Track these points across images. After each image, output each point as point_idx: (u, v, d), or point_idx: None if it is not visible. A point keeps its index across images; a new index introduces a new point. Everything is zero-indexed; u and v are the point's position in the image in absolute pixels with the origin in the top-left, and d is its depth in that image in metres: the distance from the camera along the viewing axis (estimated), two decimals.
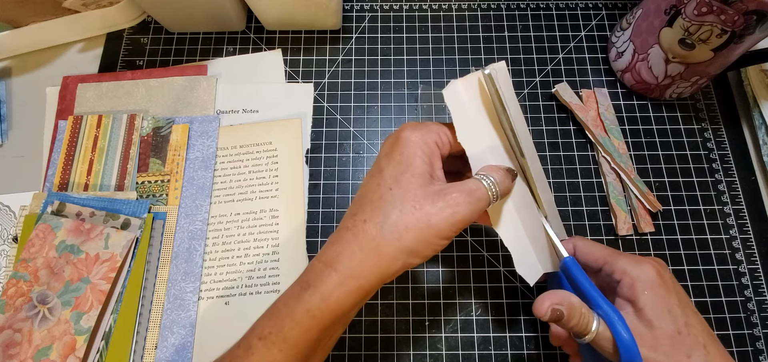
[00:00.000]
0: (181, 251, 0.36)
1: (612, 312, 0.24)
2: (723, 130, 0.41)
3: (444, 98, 0.26)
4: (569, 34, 0.44)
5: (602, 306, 0.25)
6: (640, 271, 0.25)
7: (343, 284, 0.22)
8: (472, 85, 0.27)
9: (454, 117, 0.26)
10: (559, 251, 0.28)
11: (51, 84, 0.42)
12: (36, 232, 0.34)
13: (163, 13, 0.42)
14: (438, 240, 0.23)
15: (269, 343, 0.23)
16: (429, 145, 0.24)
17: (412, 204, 0.22)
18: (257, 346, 0.23)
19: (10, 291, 0.33)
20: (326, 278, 0.22)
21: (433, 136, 0.24)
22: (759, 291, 0.36)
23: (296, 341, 0.22)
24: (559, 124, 0.41)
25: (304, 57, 0.43)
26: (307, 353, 0.23)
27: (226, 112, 0.41)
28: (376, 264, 0.22)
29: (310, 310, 0.22)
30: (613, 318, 0.24)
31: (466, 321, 0.35)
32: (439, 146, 0.25)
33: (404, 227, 0.22)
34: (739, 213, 0.38)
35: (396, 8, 0.45)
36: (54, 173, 0.38)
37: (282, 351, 0.22)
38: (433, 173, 0.24)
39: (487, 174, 0.25)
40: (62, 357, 0.31)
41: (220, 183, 0.38)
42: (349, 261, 0.22)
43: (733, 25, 0.31)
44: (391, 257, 0.22)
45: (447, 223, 0.22)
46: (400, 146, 0.24)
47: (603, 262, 0.27)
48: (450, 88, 0.26)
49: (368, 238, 0.22)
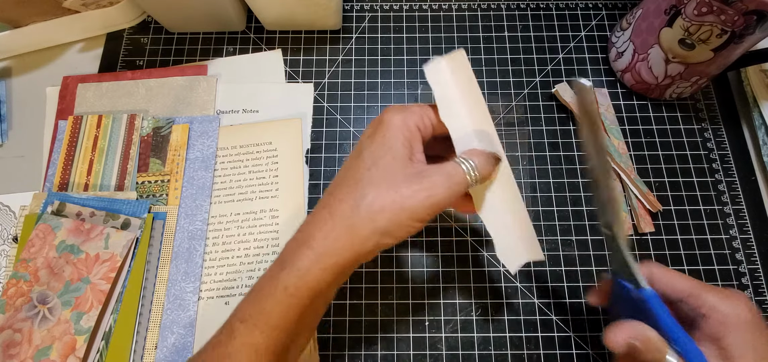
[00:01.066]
0: (181, 251, 0.36)
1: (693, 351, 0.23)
2: (723, 130, 0.41)
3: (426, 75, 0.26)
4: (569, 34, 0.44)
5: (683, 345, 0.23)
6: (731, 309, 0.24)
7: (319, 261, 0.22)
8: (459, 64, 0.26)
9: (437, 95, 0.25)
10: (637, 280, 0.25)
11: (51, 84, 0.42)
12: (36, 232, 0.34)
13: (163, 13, 0.42)
14: (412, 222, 0.23)
15: (250, 325, 0.23)
16: (410, 127, 0.24)
17: (389, 186, 0.23)
18: (239, 329, 0.23)
19: (10, 291, 0.33)
20: (302, 256, 0.23)
21: (414, 119, 0.24)
22: (759, 291, 0.36)
23: (277, 321, 0.23)
24: (559, 124, 0.41)
25: (304, 57, 0.43)
26: (288, 333, 0.23)
27: (226, 112, 0.41)
28: (350, 242, 0.22)
29: (288, 288, 0.22)
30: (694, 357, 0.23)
31: (466, 321, 0.35)
32: (420, 129, 0.25)
33: (379, 208, 0.22)
34: (739, 213, 0.38)
35: (396, 8, 0.45)
36: (54, 173, 0.38)
37: (263, 333, 0.22)
38: (412, 155, 0.24)
39: (467, 157, 0.25)
40: (62, 357, 0.31)
41: (220, 183, 0.38)
42: (324, 239, 0.23)
43: (733, 25, 0.31)
44: (365, 237, 0.22)
45: (422, 206, 0.23)
46: (381, 128, 0.24)
47: (687, 295, 0.25)
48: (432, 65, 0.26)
49: (343, 217, 0.23)
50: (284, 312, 0.23)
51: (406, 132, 0.24)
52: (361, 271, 0.36)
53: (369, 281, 0.36)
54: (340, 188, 0.24)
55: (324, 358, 0.34)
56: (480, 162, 0.25)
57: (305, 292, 0.23)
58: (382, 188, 0.23)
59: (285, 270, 0.23)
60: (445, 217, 0.38)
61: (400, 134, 0.24)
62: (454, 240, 0.37)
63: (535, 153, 0.40)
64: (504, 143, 0.40)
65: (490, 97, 0.42)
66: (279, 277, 0.23)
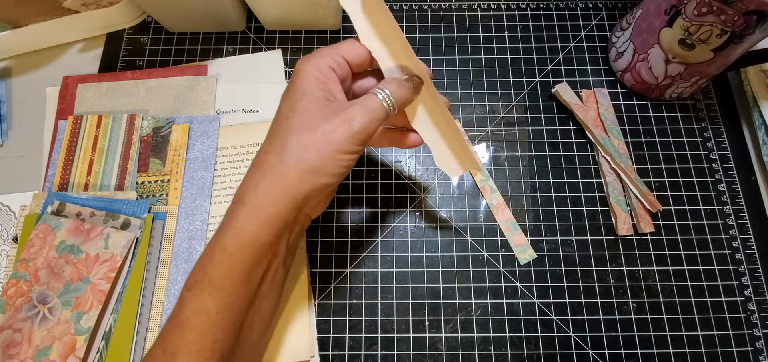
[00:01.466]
0: (181, 251, 0.36)
1: None
2: (723, 130, 0.41)
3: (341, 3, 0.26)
4: (569, 34, 0.44)
5: None
6: None
7: (254, 215, 0.23)
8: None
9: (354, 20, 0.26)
10: None
11: (51, 84, 0.42)
12: (36, 232, 0.34)
13: (163, 13, 0.42)
14: (340, 155, 0.24)
15: (197, 291, 0.23)
16: (322, 69, 0.25)
17: (309, 126, 0.24)
18: (187, 298, 0.23)
19: (10, 291, 0.33)
20: (236, 214, 0.23)
21: (326, 61, 0.25)
22: (759, 291, 0.36)
23: (222, 283, 0.23)
24: (559, 124, 0.41)
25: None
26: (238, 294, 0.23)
27: (226, 112, 0.41)
28: (283, 189, 0.23)
29: (227, 248, 0.23)
30: None
31: (466, 321, 0.35)
32: (334, 69, 0.25)
33: (304, 148, 0.23)
34: (739, 213, 0.38)
35: (396, 8, 0.45)
36: (54, 173, 0.38)
37: (212, 297, 0.23)
38: (329, 96, 0.25)
39: (383, 87, 0.26)
40: (62, 357, 0.31)
41: (220, 183, 0.38)
42: (254, 192, 0.23)
43: (733, 25, 0.31)
44: (297, 179, 0.23)
45: (345, 136, 0.23)
46: (294, 78, 0.25)
47: None
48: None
49: (270, 167, 0.23)
50: (227, 273, 0.23)
51: (318, 74, 0.25)
52: (361, 271, 0.37)
53: (369, 281, 0.36)
54: (266, 143, 0.25)
55: (324, 358, 0.34)
56: (394, 89, 0.26)
57: (245, 249, 0.23)
58: (303, 130, 0.24)
59: (222, 231, 0.24)
60: (445, 217, 0.38)
61: (312, 78, 0.25)
62: (454, 240, 0.37)
63: (535, 153, 0.40)
64: (504, 143, 0.40)
65: (490, 97, 0.42)
66: (217, 239, 0.23)
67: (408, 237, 0.37)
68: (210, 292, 0.23)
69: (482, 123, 0.41)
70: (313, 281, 0.36)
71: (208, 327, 0.23)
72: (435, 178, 0.39)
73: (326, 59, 0.25)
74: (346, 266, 0.37)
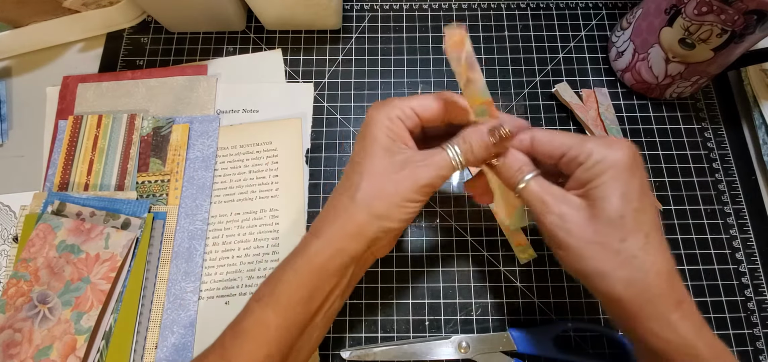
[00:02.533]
0: (181, 251, 0.36)
1: None
2: (723, 130, 0.41)
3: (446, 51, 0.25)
4: (569, 34, 0.44)
5: None
6: (607, 153, 0.23)
7: (325, 247, 0.25)
8: None
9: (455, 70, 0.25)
10: None
11: (51, 84, 0.42)
12: (36, 232, 0.34)
13: (163, 13, 0.42)
14: (406, 204, 0.25)
15: (263, 304, 0.25)
16: (392, 118, 0.26)
17: (379, 173, 0.25)
18: (253, 308, 0.25)
19: (10, 291, 0.33)
20: (310, 243, 0.25)
21: (395, 111, 0.26)
22: (759, 291, 0.36)
23: (287, 301, 0.24)
24: (559, 123, 0.41)
25: (304, 57, 0.43)
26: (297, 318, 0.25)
27: (226, 111, 0.41)
28: (354, 230, 0.25)
29: (298, 270, 0.25)
30: None
31: (466, 321, 0.35)
32: (402, 119, 0.26)
33: (373, 195, 0.25)
34: (739, 213, 0.38)
35: (396, 8, 0.45)
36: (54, 173, 0.38)
37: (275, 312, 0.24)
38: (398, 144, 0.26)
39: (455, 142, 0.26)
40: (62, 356, 0.31)
41: (220, 183, 0.38)
42: (328, 228, 0.25)
43: (733, 25, 0.31)
44: (364, 222, 0.25)
45: (410, 188, 0.24)
46: (367, 125, 0.26)
47: (568, 148, 0.24)
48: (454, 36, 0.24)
49: (343, 208, 0.25)
50: (293, 291, 0.25)
51: (388, 123, 0.26)
52: None
53: (369, 281, 0.36)
54: (340, 185, 0.27)
55: (324, 358, 0.34)
56: (467, 147, 0.25)
57: (313, 274, 0.25)
58: (373, 177, 0.25)
59: (295, 255, 0.26)
60: (445, 217, 0.38)
61: (383, 127, 0.25)
62: (454, 240, 0.37)
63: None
64: None
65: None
66: (290, 261, 0.26)
67: (408, 237, 0.37)
68: (274, 307, 0.24)
69: None
70: None
71: (265, 341, 0.24)
72: None
73: (396, 110, 0.26)
74: None
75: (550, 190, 0.24)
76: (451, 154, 0.25)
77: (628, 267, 0.22)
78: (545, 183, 0.24)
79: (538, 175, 0.25)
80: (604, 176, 0.23)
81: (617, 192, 0.22)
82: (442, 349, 0.34)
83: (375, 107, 0.26)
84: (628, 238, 0.22)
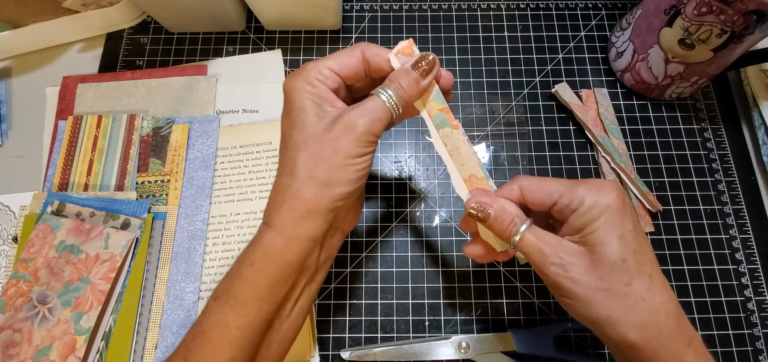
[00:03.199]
0: (181, 251, 0.36)
1: None
2: (723, 130, 0.41)
3: None
4: (569, 34, 0.44)
5: None
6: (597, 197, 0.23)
7: (280, 234, 0.23)
8: None
9: None
10: None
11: (51, 84, 0.42)
12: (36, 232, 0.34)
13: (163, 13, 0.42)
14: (350, 161, 0.23)
15: (222, 302, 0.24)
16: (311, 82, 0.24)
17: (313, 139, 0.23)
18: (212, 308, 0.24)
19: (10, 291, 0.33)
20: (264, 234, 0.24)
21: (313, 74, 0.25)
22: (759, 291, 0.36)
23: (245, 298, 0.23)
24: (559, 124, 0.41)
25: (304, 57, 0.43)
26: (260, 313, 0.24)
27: (226, 112, 0.41)
28: (303, 210, 0.23)
29: (254, 264, 0.23)
30: None
31: (466, 321, 0.35)
32: (322, 80, 0.25)
33: (313, 163, 0.23)
34: (739, 213, 0.38)
35: (396, 8, 0.45)
36: (54, 173, 0.38)
37: (233, 310, 0.23)
38: (325, 105, 0.24)
39: (385, 86, 0.25)
40: (62, 357, 0.31)
41: (220, 183, 0.38)
42: (278, 215, 0.23)
43: (733, 25, 0.31)
44: (312, 197, 0.23)
45: (351, 143, 0.23)
46: (287, 98, 0.25)
47: (559, 195, 0.24)
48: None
49: (285, 188, 0.24)
50: (251, 288, 0.23)
51: (309, 87, 0.24)
52: (361, 271, 0.36)
53: (369, 281, 0.36)
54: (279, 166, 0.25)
55: (324, 358, 0.34)
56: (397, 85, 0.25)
57: (271, 266, 0.23)
58: (308, 146, 0.23)
59: (250, 248, 0.24)
60: (445, 217, 0.38)
61: (304, 92, 0.24)
62: (454, 240, 0.37)
63: (535, 153, 0.40)
64: (504, 143, 0.40)
65: (490, 97, 0.42)
66: (246, 255, 0.24)
67: (408, 237, 0.37)
68: (232, 305, 0.23)
69: (482, 123, 0.41)
70: None
71: (226, 342, 0.23)
72: (435, 177, 0.39)
73: (313, 72, 0.25)
74: (346, 266, 0.37)
75: (547, 239, 0.24)
76: (383, 97, 0.24)
77: (638, 311, 0.22)
78: (540, 232, 0.24)
79: (531, 225, 0.24)
80: (599, 220, 0.22)
81: (615, 236, 0.22)
82: (442, 349, 0.34)
83: (290, 77, 0.25)
84: (633, 281, 0.22)
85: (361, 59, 0.26)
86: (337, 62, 0.25)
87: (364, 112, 0.24)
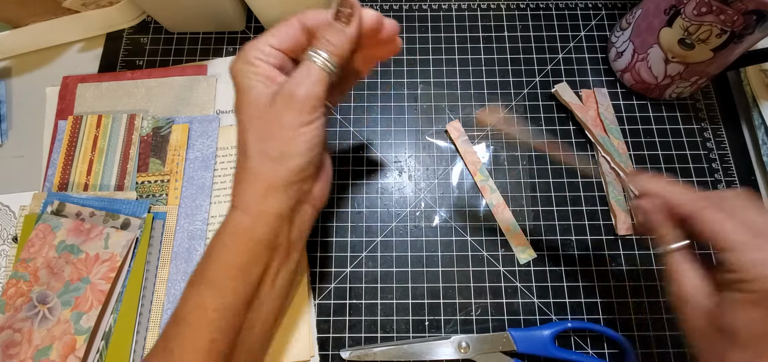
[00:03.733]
0: (181, 251, 0.36)
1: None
2: (723, 130, 0.41)
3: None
4: (569, 34, 0.44)
5: None
6: None
7: (246, 213, 0.24)
8: None
9: None
10: None
11: (51, 84, 0.42)
12: (36, 232, 0.34)
13: (163, 13, 0.42)
14: (298, 130, 0.23)
15: (197, 286, 0.24)
16: (251, 62, 0.24)
17: (258, 117, 0.24)
18: (188, 292, 0.24)
19: (10, 291, 0.33)
20: (231, 215, 0.24)
21: (253, 53, 0.25)
22: None
23: (219, 279, 0.24)
24: (559, 124, 0.41)
25: None
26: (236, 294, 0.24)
27: (226, 112, 0.41)
28: (263, 188, 0.24)
29: (227, 245, 0.24)
30: None
31: (466, 321, 0.35)
32: (263, 59, 0.25)
33: (262, 140, 0.24)
34: None
35: (396, 8, 0.45)
36: (54, 173, 0.38)
37: (209, 292, 0.24)
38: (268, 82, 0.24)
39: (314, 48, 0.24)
40: (62, 357, 0.31)
41: (220, 183, 0.38)
42: (241, 195, 0.24)
43: (733, 25, 0.32)
44: (268, 173, 0.23)
45: (296, 113, 0.23)
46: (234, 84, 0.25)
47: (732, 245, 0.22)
48: None
49: (243, 169, 0.24)
50: (224, 269, 0.24)
51: (251, 68, 0.24)
52: (361, 271, 0.37)
53: (369, 281, 0.36)
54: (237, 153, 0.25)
55: (324, 358, 0.34)
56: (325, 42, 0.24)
57: (240, 246, 0.24)
58: (255, 124, 0.24)
59: (220, 230, 0.25)
60: (445, 217, 0.38)
61: (248, 73, 0.24)
62: (454, 240, 0.37)
63: (535, 153, 0.40)
64: (504, 143, 0.40)
65: (490, 97, 0.42)
66: (219, 237, 0.25)
67: (408, 237, 0.37)
68: (207, 287, 0.24)
69: None
70: (313, 281, 0.36)
71: (205, 324, 0.23)
72: (435, 177, 0.39)
73: (253, 51, 0.25)
74: (346, 266, 0.37)
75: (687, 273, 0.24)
76: (315, 59, 0.24)
77: None
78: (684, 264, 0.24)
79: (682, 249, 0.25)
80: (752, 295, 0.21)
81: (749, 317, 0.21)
82: (442, 349, 0.34)
83: (233, 60, 0.25)
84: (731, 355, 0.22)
85: (299, 29, 0.25)
86: (276, 38, 0.25)
87: (300, 80, 0.24)
